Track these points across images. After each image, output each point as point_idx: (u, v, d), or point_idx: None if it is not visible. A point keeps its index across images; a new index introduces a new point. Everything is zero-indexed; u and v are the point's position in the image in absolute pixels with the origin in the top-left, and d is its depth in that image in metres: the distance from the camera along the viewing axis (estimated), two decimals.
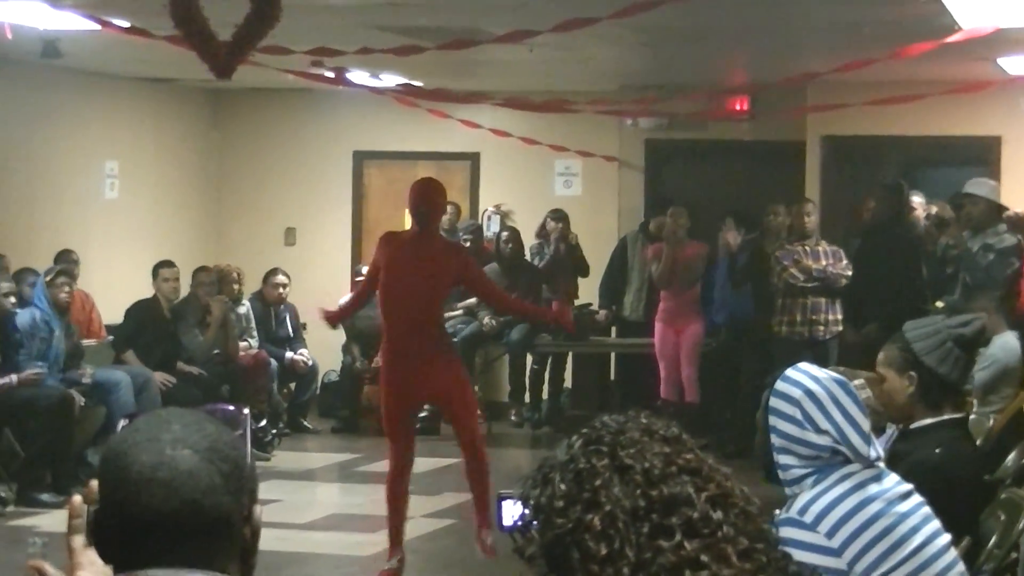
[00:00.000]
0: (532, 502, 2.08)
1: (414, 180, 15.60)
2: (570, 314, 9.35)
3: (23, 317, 10.88)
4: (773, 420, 3.89)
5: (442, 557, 9.04)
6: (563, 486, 2.04)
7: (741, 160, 14.81)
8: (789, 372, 3.93)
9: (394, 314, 8.17)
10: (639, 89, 14.25)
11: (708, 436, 10.76)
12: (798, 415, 3.84)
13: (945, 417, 4.83)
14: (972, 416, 7.88)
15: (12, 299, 10.64)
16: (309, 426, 14.08)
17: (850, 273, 11.93)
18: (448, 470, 12.03)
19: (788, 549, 2.10)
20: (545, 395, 14.36)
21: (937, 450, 4.46)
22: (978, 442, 7.46)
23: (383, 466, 12.10)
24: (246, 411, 8.46)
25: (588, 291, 14.30)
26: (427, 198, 8.32)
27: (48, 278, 11.09)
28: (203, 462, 2.04)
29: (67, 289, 11.08)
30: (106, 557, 2.06)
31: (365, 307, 9.47)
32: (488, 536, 8.25)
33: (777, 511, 3.77)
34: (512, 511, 2.43)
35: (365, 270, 14.34)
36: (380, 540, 9.13)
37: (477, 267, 8.89)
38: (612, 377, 14.42)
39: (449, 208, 14.92)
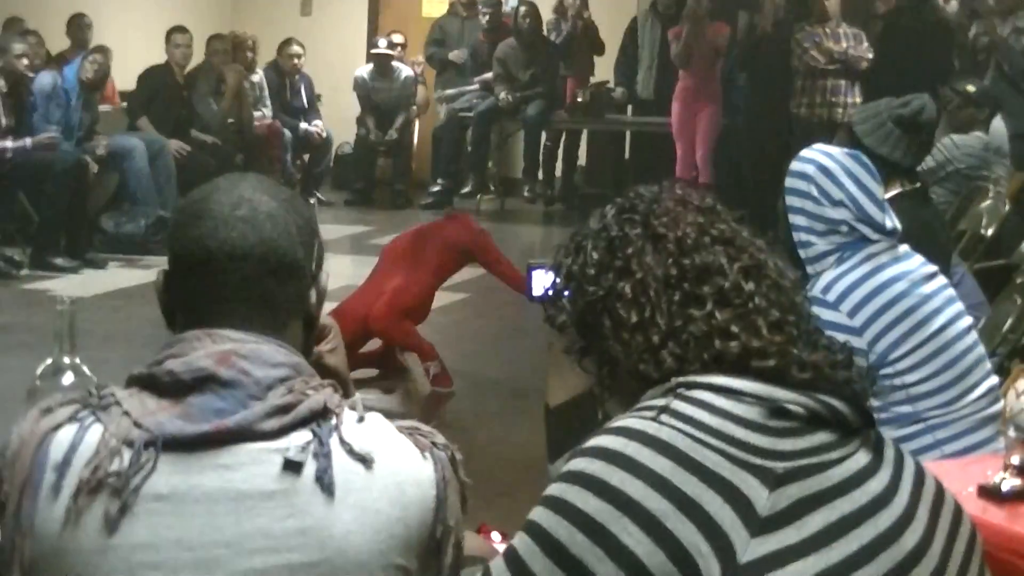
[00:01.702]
0: (564, 270, 2.07)
1: None
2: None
3: (43, 80, 10.80)
4: (790, 200, 3.92)
5: (457, 329, 9.11)
6: (595, 254, 2.03)
7: None
8: (803, 152, 3.98)
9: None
10: None
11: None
12: (813, 191, 3.87)
13: (894, 192, 4.84)
14: (987, 203, 7.87)
15: (25, 61, 10.54)
16: (323, 198, 14.08)
17: (871, 56, 11.82)
18: None
19: None
20: (558, 172, 14.34)
21: None
22: (991, 230, 7.48)
23: None
24: (312, 200, 8.46)
25: (605, 69, 14.18)
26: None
27: (87, 52, 11.07)
28: (280, 209, 2.05)
29: (96, 67, 11.00)
30: (177, 310, 2.06)
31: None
32: (432, 367, 7.60)
33: None
34: (543, 280, 2.43)
35: (382, 42, 14.35)
36: None
37: (492, 251, 7.84)
38: (626, 156, 14.37)
39: None
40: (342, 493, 1.92)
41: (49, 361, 2.70)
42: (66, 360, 2.69)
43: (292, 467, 1.91)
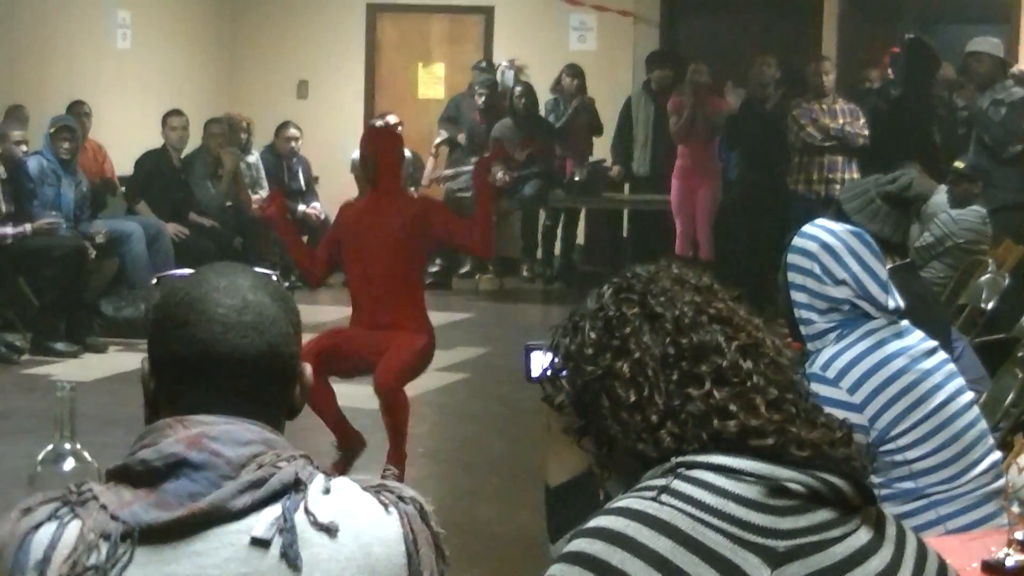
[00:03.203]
0: (562, 350, 2.07)
1: (427, 34, 15.41)
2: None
3: (32, 164, 10.83)
4: (792, 276, 3.90)
5: (455, 410, 9.10)
6: (593, 334, 2.03)
7: (758, 14, 14.64)
8: (805, 228, 3.96)
9: (361, 290, 7.12)
10: None
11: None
12: (816, 269, 3.86)
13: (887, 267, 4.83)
14: (986, 276, 7.87)
15: (24, 147, 10.58)
16: None
17: (867, 132, 11.87)
18: (460, 324, 12.08)
19: None
20: (557, 251, 14.36)
21: None
22: (991, 303, 7.49)
23: None
24: (274, 276, 8.34)
25: (602, 147, 14.24)
26: (377, 150, 7.07)
27: (51, 130, 11.01)
28: (279, 310, 2.07)
29: (66, 146, 10.95)
30: (164, 402, 2.05)
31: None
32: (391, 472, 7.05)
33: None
34: (541, 361, 2.43)
35: (379, 123, 14.38)
36: None
37: (445, 211, 7.30)
38: (625, 233, 14.40)
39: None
40: (309, 569, 1.92)
41: (50, 447, 2.70)
42: (67, 446, 2.69)
43: (259, 544, 1.92)
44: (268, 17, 15.90)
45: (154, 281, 2.89)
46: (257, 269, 2.16)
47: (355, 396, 8.13)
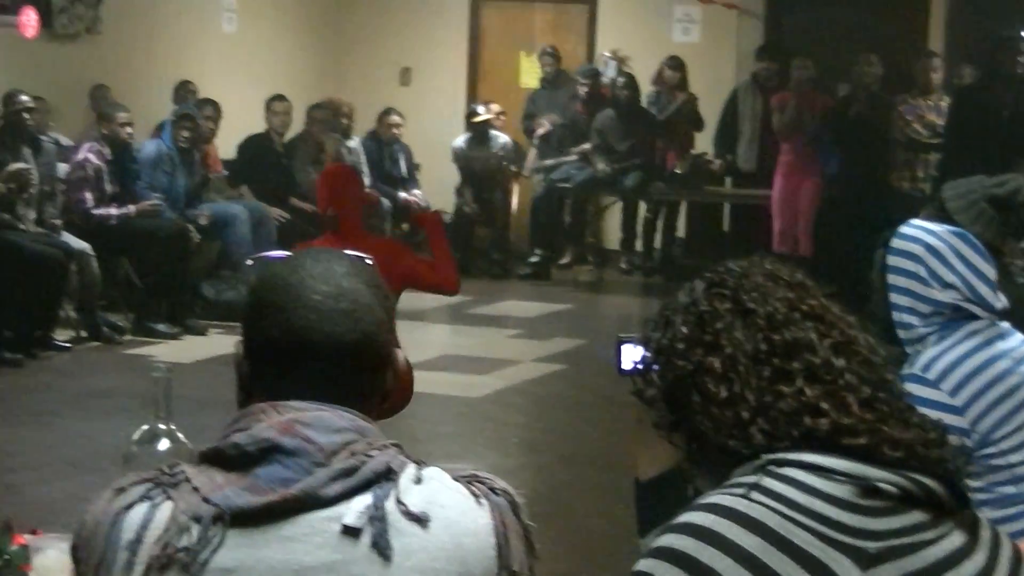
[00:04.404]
0: (653, 344, 2.06)
1: (531, 24, 15.35)
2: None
3: (148, 148, 11.01)
4: (893, 278, 3.81)
5: (552, 400, 9.11)
6: (685, 328, 2.02)
7: (864, 8, 14.49)
8: (904, 229, 3.86)
9: None
10: None
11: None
12: (922, 272, 3.77)
13: None
14: None
15: (129, 129, 10.70)
16: None
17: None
18: (559, 315, 12.10)
19: None
20: (657, 243, 14.32)
21: None
22: None
23: (494, 309, 12.21)
24: (369, 260, 8.32)
25: (703, 141, 14.18)
26: (334, 192, 6.42)
27: (173, 118, 11.19)
28: (374, 298, 2.06)
29: (185, 134, 11.14)
30: (258, 388, 2.05)
31: None
32: None
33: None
34: (632, 354, 2.42)
35: (481, 109, 14.38)
36: (490, 382, 9.22)
37: (409, 254, 6.79)
38: (725, 227, 14.33)
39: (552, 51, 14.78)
40: (400, 558, 1.92)
41: (145, 427, 2.73)
42: (162, 426, 2.73)
43: (350, 533, 1.92)
44: (373, 4, 15.98)
45: (249, 262, 2.87)
46: (351, 253, 2.16)
47: (456, 384, 8.16)
